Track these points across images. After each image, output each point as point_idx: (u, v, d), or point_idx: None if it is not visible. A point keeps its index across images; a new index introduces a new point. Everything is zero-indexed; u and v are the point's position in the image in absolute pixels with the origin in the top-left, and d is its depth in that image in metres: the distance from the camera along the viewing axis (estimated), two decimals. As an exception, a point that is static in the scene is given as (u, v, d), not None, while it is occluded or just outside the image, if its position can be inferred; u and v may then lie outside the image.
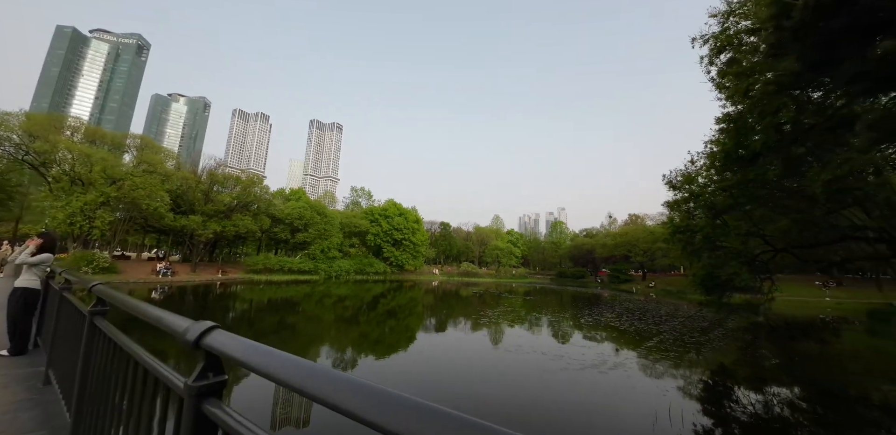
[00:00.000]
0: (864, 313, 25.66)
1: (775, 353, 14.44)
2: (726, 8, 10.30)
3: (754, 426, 7.00)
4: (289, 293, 29.97)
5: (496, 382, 9.16)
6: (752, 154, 10.01)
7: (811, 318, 25.13)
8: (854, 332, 19.34)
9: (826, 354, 14.29)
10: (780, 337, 17.92)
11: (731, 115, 10.84)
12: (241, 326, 15.58)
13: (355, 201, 74.99)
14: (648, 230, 62.75)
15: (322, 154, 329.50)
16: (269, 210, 46.79)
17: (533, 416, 7.04)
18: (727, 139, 10.96)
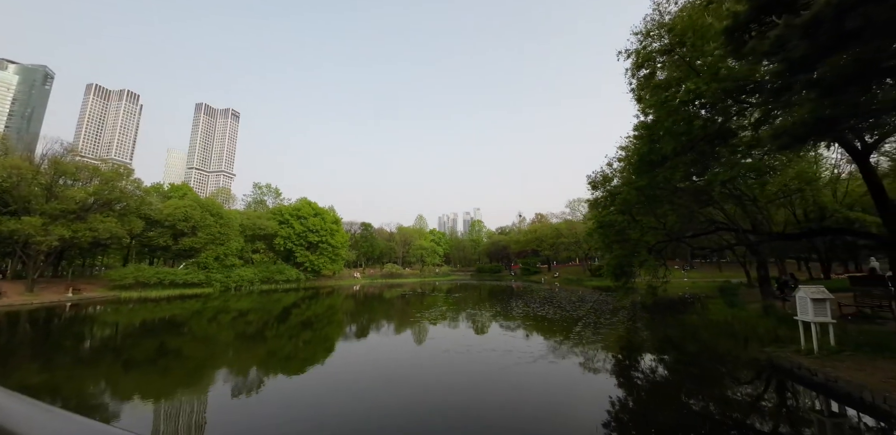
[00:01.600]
0: (715, 289, 32.01)
1: (675, 325, 17.15)
2: (644, 29, 11.62)
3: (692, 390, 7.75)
4: (172, 311, 24.66)
5: (462, 386, 8.69)
6: (661, 158, 11.41)
7: (681, 295, 30.57)
8: (715, 304, 23.90)
9: (706, 322, 17.54)
10: (672, 312, 21.36)
11: (646, 123, 12.15)
12: (103, 357, 12.28)
13: (259, 200, 66.49)
14: (554, 227, 69.90)
15: (213, 145, 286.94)
16: (141, 210, 38.12)
17: (517, 416, 6.71)
18: (641, 145, 12.31)
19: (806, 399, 7.97)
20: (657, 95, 10.65)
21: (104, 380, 9.90)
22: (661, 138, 11.13)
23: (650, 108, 11.33)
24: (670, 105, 10.42)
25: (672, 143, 10.72)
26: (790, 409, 7.56)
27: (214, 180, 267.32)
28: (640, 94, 12.27)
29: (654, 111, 11.10)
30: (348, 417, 6.94)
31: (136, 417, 7.32)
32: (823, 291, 9.77)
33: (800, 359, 9.20)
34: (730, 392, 8.56)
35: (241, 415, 7.30)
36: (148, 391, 8.92)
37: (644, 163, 12.21)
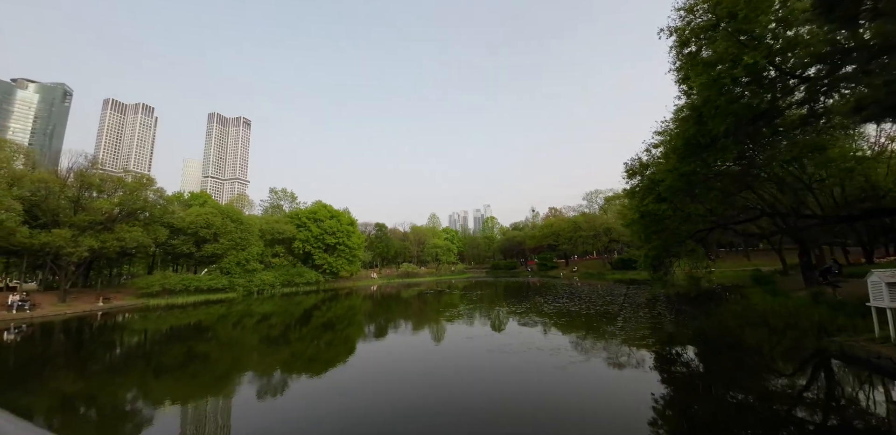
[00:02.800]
0: (747, 279, 30.74)
1: (721, 317, 16.28)
2: (689, 3, 10.94)
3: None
4: (198, 317, 24.95)
5: (512, 387, 8.30)
6: (710, 140, 10.75)
7: (711, 286, 29.37)
8: (754, 294, 22.80)
9: (753, 312, 16.55)
10: (709, 303, 20.32)
11: (693, 103, 11.43)
12: (134, 363, 12.56)
13: (276, 205, 67.28)
14: (571, 221, 68.59)
15: (226, 153, 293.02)
16: (164, 218, 38.87)
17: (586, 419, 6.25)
18: (687, 127, 11.61)
19: (891, 389, 7.29)
20: (707, 73, 9.96)
21: (136, 386, 10.00)
22: (712, 118, 10.42)
23: (698, 87, 10.61)
24: (722, 82, 9.72)
25: (724, 123, 10.06)
26: (876, 401, 6.90)
27: (230, 187, 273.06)
28: (686, 72, 11.55)
29: (702, 90, 10.38)
30: (386, 420, 6.61)
31: (167, 422, 7.38)
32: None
33: (877, 347, 8.47)
34: (805, 386, 7.92)
35: (269, 418, 7.23)
36: (178, 396, 9.01)
37: (690, 146, 11.54)
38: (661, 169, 13.89)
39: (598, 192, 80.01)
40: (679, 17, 11.33)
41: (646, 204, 14.99)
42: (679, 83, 13.72)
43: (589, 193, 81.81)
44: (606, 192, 78.31)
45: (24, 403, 8.56)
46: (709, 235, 15.71)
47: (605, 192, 78.77)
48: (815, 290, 17.73)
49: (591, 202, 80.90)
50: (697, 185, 12.45)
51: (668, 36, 11.69)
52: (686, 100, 13.38)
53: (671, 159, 13.17)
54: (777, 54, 10.00)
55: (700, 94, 10.85)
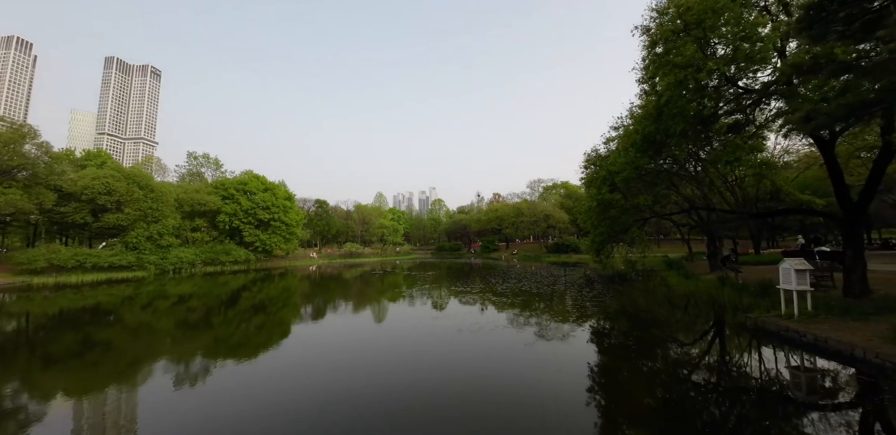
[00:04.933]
0: (660, 263, 35.00)
1: (651, 295, 18.26)
2: (660, 6, 11.36)
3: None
4: (97, 299, 21.14)
5: (489, 363, 8.30)
6: (666, 137, 11.51)
7: (647, 268, 32.95)
8: (670, 276, 25.93)
9: (675, 292, 18.74)
10: (636, 283, 22.69)
11: (655, 102, 11.99)
12: (15, 353, 10.44)
13: (196, 172, 59.16)
14: (515, 207, 71.90)
15: (128, 107, 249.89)
16: (50, 179, 31.93)
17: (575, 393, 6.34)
18: (648, 124, 12.24)
19: (799, 357, 8.66)
20: (674, 74, 10.49)
21: (18, 378, 8.20)
22: (671, 117, 11.11)
23: (664, 87, 11.18)
24: (686, 84, 10.35)
25: (682, 123, 10.80)
26: (789, 366, 8.14)
27: (133, 148, 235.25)
28: (653, 72, 12.07)
29: (667, 90, 10.95)
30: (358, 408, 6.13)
31: (59, 418, 6.18)
32: (804, 262, 10.62)
33: (785, 322, 10.01)
34: (732, 352, 9.16)
35: (189, 409, 6.40)
36: (73, 389, 7.62)
37: (647, 142, 12.26)
38: (620, 161, 14.77)
39: (541, 181, 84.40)
40: (650, 18, 11.78)
41: (602, 193, 16.01)
42: (641, 82, 14.43)
43: (532, 182, 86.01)
44: (547, 182, 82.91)
45: None
46: (645, 224, 17.38)
47: (546, 182, 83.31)
48: (720, 274, 20.64)
49: (534, 190, 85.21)
50: (648, 178, 13.48)
51: (641, 34, 12.15)
52: (646, 98, 14.14)
53: (630, 153, 14.00)
54: (732, 63, 10.83)
55: (665, 94, 11.42)
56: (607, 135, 18.05)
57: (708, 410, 6.03)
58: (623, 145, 14.95)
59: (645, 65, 13.06)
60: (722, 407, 6.12)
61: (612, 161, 15.70)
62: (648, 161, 13.85)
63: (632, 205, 15.07)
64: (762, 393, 6.57)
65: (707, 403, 6.25)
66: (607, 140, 17.27)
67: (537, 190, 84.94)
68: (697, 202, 18.91)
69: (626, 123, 16.97)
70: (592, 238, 18.53)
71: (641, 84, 14.00)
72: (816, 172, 28.09)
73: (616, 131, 17.15)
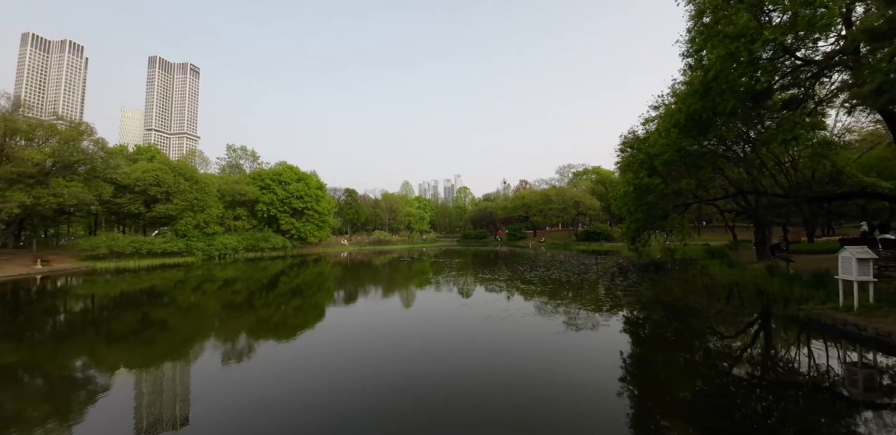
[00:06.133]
0: (700, 252, 33.18)
1: (691, 285, 17.40)
2: None
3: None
4: (152, 282, 23.04)
5: (517, 350, 8.27)
6: (714, 115, 10.61)
7: (676, 258, 31.52)
8: (712, 265, 24.58)
9: (717, 282, 17.70)
10: (674, 272, 21.71)
11: (702, 77, 11.03)
12: (82, 330, 11.55)
13: (234, 164, 62.20)
14: (543, 194, 70.09)
15: (171, 104, 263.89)
16: (107, 173, 34.62)
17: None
18: (692, 102, 11.33)
19: (857, 352, 8.01)
20: (724, 46, 9.54)
21: (87, 355, 9.09)
22: (720, 94, 10.20)
23: (712, 60, 10.21)
24: (738, 56, 9.40)
25: (732, 99, 9.90)
26: (845, 362, 7.56)
27: (177, 143, 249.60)
28: (699, 44, 11.06)
29: (716, 63, 10.00)
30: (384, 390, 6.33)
31: (123, 390, 6.84)
32: (868, 251, 9.68)
33: (843, 315, 9.25)
34: (779, 346, 8.60)
35: (233, 385, 6.86)
36: (133, 364, 8.32)
37: (692, 121, 11.37)
38: (660, 143, 13.83)
39: (571, 167, 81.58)
40: None
41: (640, 177, 15.13)
42: (685, 56, 13.33)
43: (562, 167, 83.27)
44: (578, 167, 79.99)
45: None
46: (686, 210, 16.36)
47: (576, 167, 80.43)
48: (768, 263, 19.29)
49: (563, 176, 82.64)
50: (691, 161, 12.58)
51: (687, 3, 11.15)
52: (691, 74, 13.08)
53: (671, 134, 13.07)
54: (790, 32, 9.73)
55: (713, 68, 10.47)
56: (646, 115, 16.97)
57: (751, 405, 5.74)
58: (664, 126, 13.90)
59: (690, 37, 12.01)
60: (767, 402, 5.80)
61: (652, 143, 14.70)
62: (692, 142, 12.89)
63: (672, 190, 14.15)
64: (813, 389, 6.15)
65: (750, 399, 5.94)
66: (646, 121, 16.23)
67: (567, 176, 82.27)
68: (745, 186, 17.53)
69: (667, 102, 15.80)
70: (627, 225, 17.69)
71: (685, 58, 12.92)
72: (883, 152, 25.15)
73: (656, 111, 16.05)
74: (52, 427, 5.42)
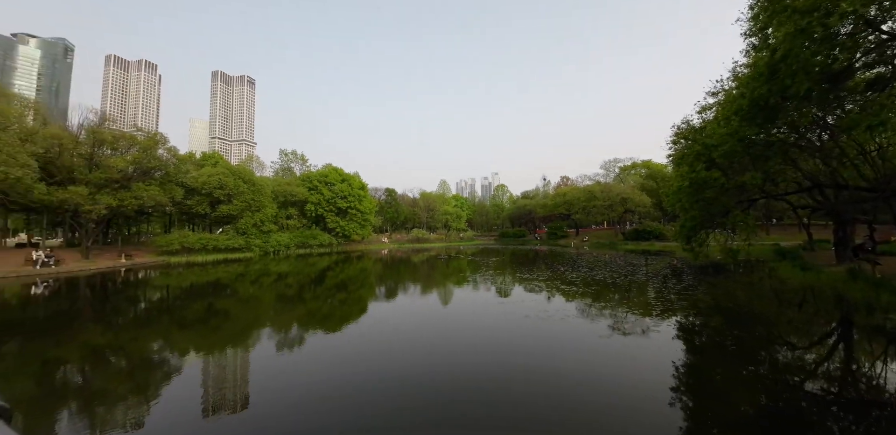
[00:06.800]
0: (769, 253, 30.00)
1: (756, 290, 15.74)
2: None
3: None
4: (217, 275, 25.40)
5: (557, 353, 7.98)
6: (782, 99, 9.49)
7: (739, 259, 28.72)
8: (782, 268, 22.17)
9: (787, 286, 15.79)
10: (737, 275, 19.74)
11: (767, 58, 9.91)
12: (159, 317, 13.02)
13: (286, 167, 66.69)
14: (586, 190, 67.01)
15: (231, 114, 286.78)
16: (178, 177, 38.72)
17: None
18: (756, 85, 10.21)
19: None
20: (794, 21, 8.46)
21: (162, 338, 10.23)
22: (791, 75, 9.07)
23: (780, 38, 9.10)
24: (812, 32, 8.28)
25: (805, 81, 8.76)
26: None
27: (237, 149, 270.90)
28: (763, 21, 9.91)
29: (785, 41, 8.91)
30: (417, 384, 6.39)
31: (192, 372, 7.61)
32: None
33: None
34: (861, 359, 7.53)
35: (286, 372, 7.38)
36: (201, 348, 9.24)
37: (756, 107, 10.23)
38: (719, 133, 12.59)
39: (617, 161, 77.30)
40: None
41: (697, 171, 13.86)
42: (747, 36, 12.07)
43: (607, 162, 79.02)
44: (626, 161, 75.65)
45: (54, 353, 8.67)
46: (751, 206, 14.75)
47: (624, 161, 76.11)
48: (850, 266, 17.02)
49: (609, 171, 78.51)
50: (757, 151, 11.30)
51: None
52: (755, 55, 11.81)
53: (732, 122, 11.85)
54: (873, 2, 8.44)
55: (781, 47, 9.35)
56: (702, 102, 15.45)
57: (825, 424, 5.10)
58: (723, 113, 12.56)
59: (753, 14, 10.80)
60: (845, 423, 5.12)
61: (709, 133, 13.36)
62: (757, 130, 11.57)
63: (734, 184, 12.78)
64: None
65: (825, 418, 5.29)
66: (702, 109, 14.78)
67: (613, 171, 78.00)
68: (823, 179, 15.46)
69: (727, 87, 14.31)
70: (682, 223, 16.25)
71: (748, 38, 11.66)
72: None
73: (714, 97, 14.57)
74: (133, 403, 6.17)
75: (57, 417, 5.66)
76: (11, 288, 19.49)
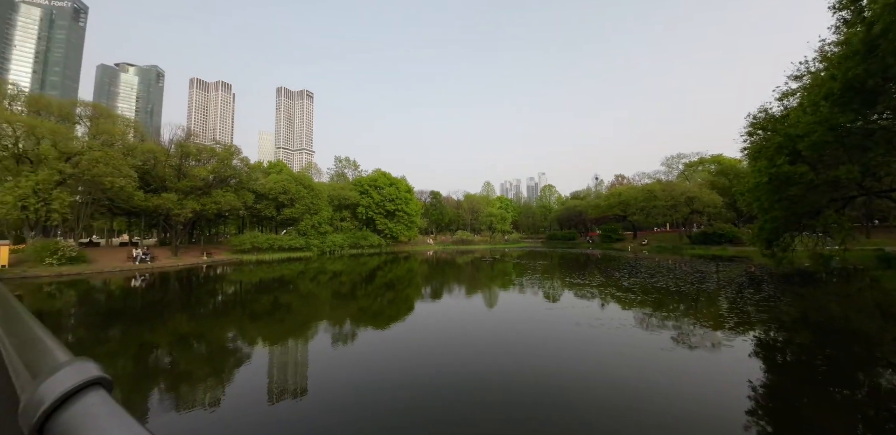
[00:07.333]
0: (869, 259, 25.59)
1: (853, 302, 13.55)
2: None
3: None
4: (281, 272, 27.77)
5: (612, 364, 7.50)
6: (879, 83, 8.05)
7: (832, 267, 24.80)
8: (887, 277, 18.84)
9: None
10: (826, 285, 17.13)
11: (862, 34, 8.49)
12: (233, 309, 14.54)
13: (340, 173, 70.72)
14: (645, 189, 62.19)
15: (293, 125, 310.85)
16: (249, 184, 42.94)
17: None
18: (852, 66, 8.75)
19: None
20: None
21: (235, 328, 11.38)
22: (892, 53, 7.64)
23: (878, 11, 7.71)
24: None
25: None
26: None
27: (298, 157, 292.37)
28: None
29: (885, 13, 7.52)
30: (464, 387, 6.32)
31: (260, 359, 8.41)
32: None
33: None
34: None
35: (340, 365, 7.85)
36: (267, 338, 10.16)
37: (851, 91, 8.74)
38: (805, 121, 10.92)
39: (682, 157, 70.82)
40: None
41: (778, 165, 12.10)
42: (837, 9, 10.44)
43: (669, 158, 72.60)
44: (691, 157, 69.21)
45: (149, 339, 9.99)
46: (847, 205, 12.57)
47: (689, 157, 69.66)
48: None
49: (671, 168, 72.18)
50: (853, 141, 9.60)
51: None
52: (847, 31, 10.17)
53: (821, 108, 10.24)
54: None
55: (880, 19, 7.94)
56: (783, 88, 13.46)
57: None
58: (809, 99, 10.79)
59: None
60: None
61: (793, 122, 11.58)
62: (853, 117, 9.86)
63: (825, 179, 10.90)
64: None
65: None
66: (783, 95, 12.84)
67: (676, 167, 71.47)
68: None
69: (813, 69, 12.37)
70: (761, 225, 14.20)
71: (837, 11, 10.07)
72: None
73: (797, 81, 12.63)
74: (211, 384, 6.93)
75: (147, 393, 6.53)
76: (116, 280, 22.87)
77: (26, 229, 29.02)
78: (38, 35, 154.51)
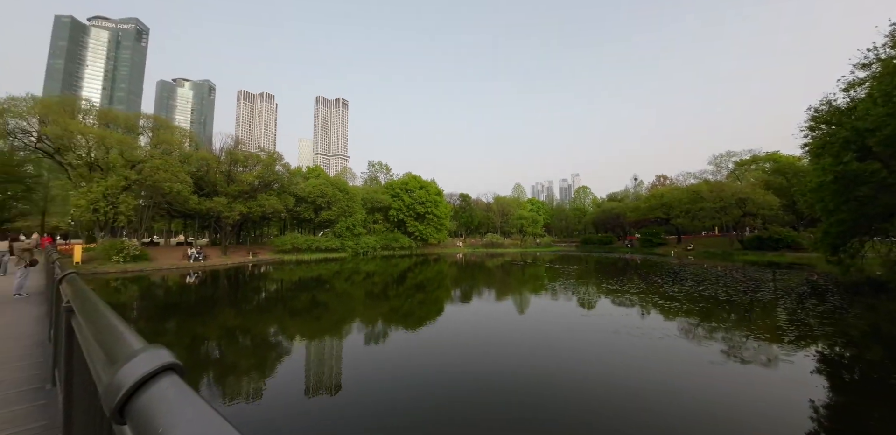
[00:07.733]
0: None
1: None
2: None
3: None
4: (318, 271, 29.03)
5: (652, 376, 7.15)
6: None
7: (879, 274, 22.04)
8: None
9: None
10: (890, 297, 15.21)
11: None
12: (275, 305, 15.45)
13: (373, 176, 72.75)
14: (691, 190, 58.34)
15: (329, 132, 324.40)
16: (290, 188, 45.32)
17: None
18: None
19: None
20: None
21: (278, 324, 12.05)
22: None
23: None
24: None
25: None
26: None
27: (334, 162, 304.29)
28: None
29: None
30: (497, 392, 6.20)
31: (298, 353, 8.95)
32: None
33: None
34: None
35: (370, 361, 8.18)
36: (305, 334, 10.77)
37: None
38: (876, 113, 9.75)
39: (732, 154, 65.86)
40: None
41: (845, 162, 10.85)
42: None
43: (718, 156, 67.57)
44: (743, 154, 64.25)
45: (200, 331, 10.78)
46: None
47: (740, 154, 64.71)
48: None
49: (720, 167, 67.23)
50: None
51: None
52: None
53: (895, 99, 9.10)
54: None
55: None
56: (848, 78, 12.11)
57: None
58: (881, 89, 9.59)
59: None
60: None
61: (861, 114, 10.36)
62: None
63: (871, 179, 9.62)
64: None
65: None
66: (849, 85, 11.53)
67: (725, 166, 66.37)
68: None
69: (883, 56, 11.01)
70: (825, 228, 12.78)
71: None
72: None
73: (865, 70, 11.29)
74: (254, 376, 7.36)
75: (196, 384, 7.03)
76: (173, 277, 24.85)
77: (97, 230, 32.27)
78: (107, 55, 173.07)
